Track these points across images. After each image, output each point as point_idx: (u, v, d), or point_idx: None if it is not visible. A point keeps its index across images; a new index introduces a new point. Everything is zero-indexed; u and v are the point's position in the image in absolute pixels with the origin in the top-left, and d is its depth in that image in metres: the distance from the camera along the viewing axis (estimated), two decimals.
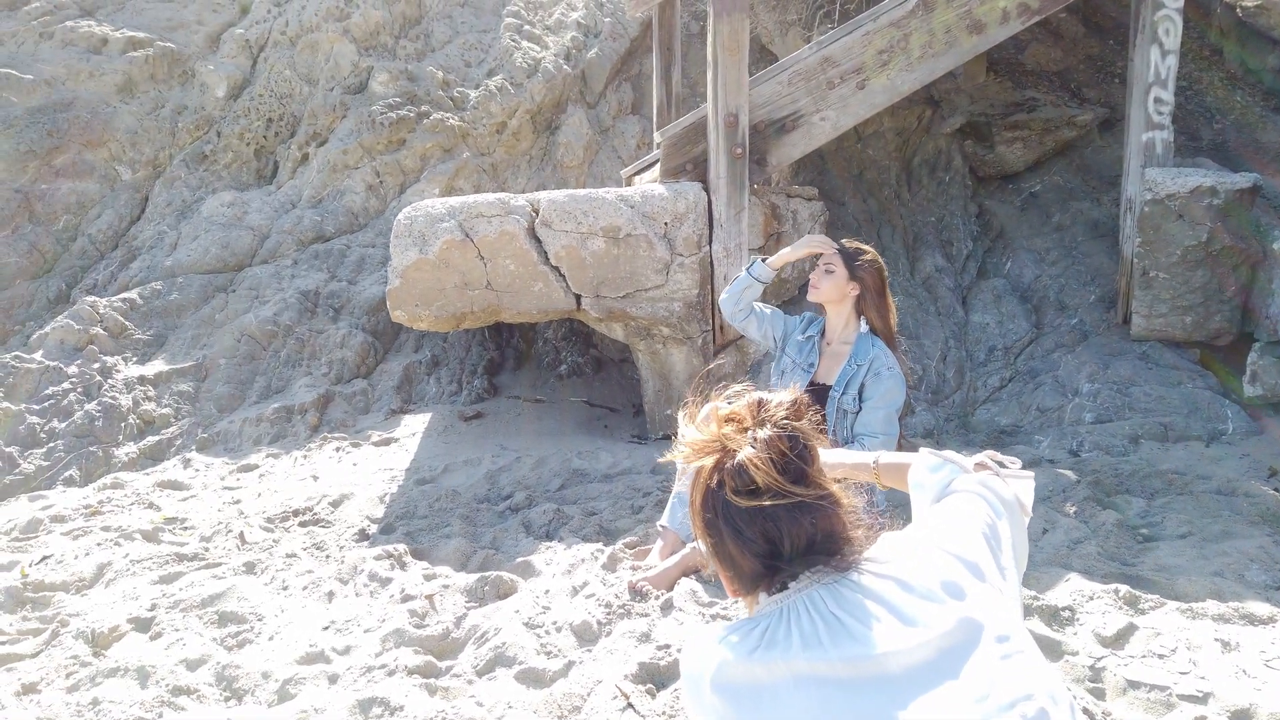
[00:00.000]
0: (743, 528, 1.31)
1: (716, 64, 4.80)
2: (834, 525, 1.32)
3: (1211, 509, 3.58)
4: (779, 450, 1.32)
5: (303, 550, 3.60)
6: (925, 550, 1.34)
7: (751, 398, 1.42)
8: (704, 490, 1.38)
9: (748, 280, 3.63)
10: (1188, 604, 2.79)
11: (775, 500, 1.29)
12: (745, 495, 1.30)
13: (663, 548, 3.33)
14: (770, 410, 1.38)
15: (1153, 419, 4.58)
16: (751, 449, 1.33)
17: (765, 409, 1.39)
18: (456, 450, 4.87)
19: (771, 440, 1.33)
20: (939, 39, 5.06)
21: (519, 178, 7.60)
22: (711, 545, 1.39)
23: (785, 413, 1.37)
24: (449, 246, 4.63)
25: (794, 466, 1.32)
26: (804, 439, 1.35)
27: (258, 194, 7.01)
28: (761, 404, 1.40)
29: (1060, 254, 6.19)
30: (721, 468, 1.35)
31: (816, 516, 1.31)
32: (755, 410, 1.39)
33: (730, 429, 1.38)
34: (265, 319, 5.91)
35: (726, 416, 1.41)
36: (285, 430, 5.27)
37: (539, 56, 7.96)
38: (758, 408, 1.39)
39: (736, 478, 1.32)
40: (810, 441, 1.36)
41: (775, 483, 1.29)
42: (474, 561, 3.44)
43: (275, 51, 7.64)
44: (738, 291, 3.65)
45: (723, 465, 1.35)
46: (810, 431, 1.37)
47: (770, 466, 1.30)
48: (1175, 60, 5.04)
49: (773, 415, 1.37)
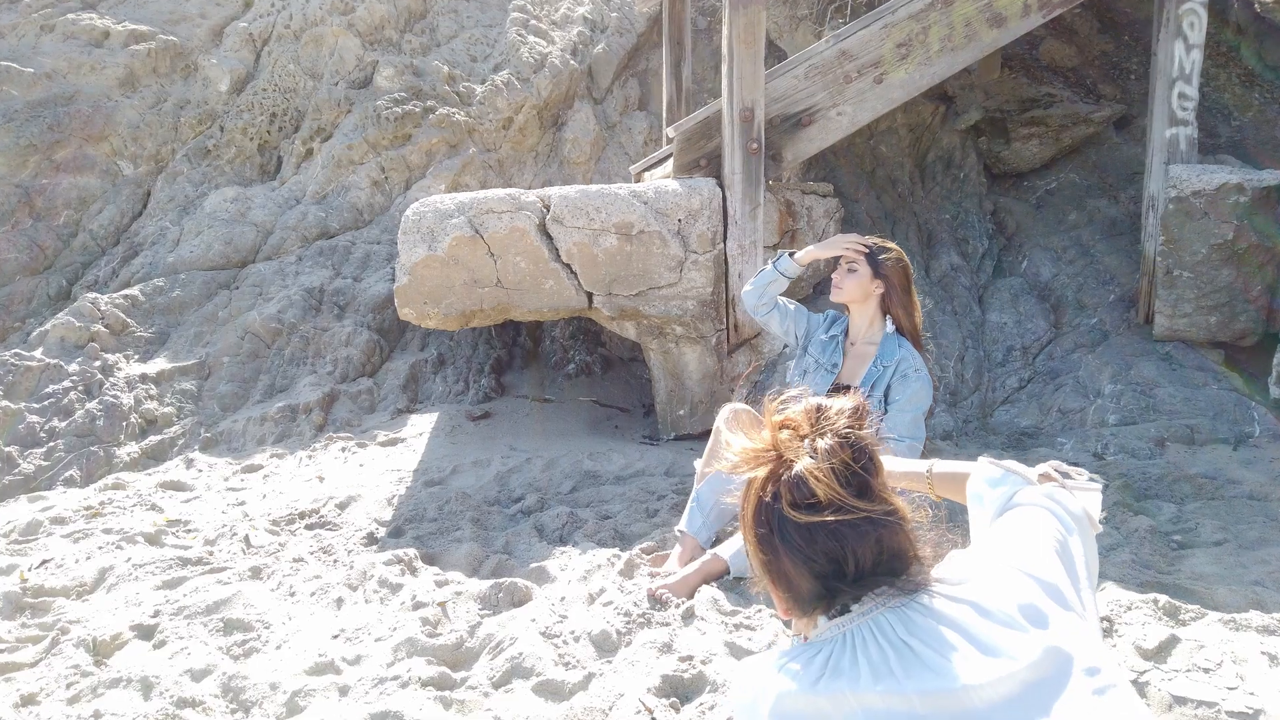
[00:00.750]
0: (802, 545, 1.21)
1: (732, 57, 4.69)
2: (900, 543, 1.22)
3: (1245, 515, 3.48)
4: (841, 461, 1.22)
5: (310, 554, 3.50)
6: (1000, 571, 1.24)
7: (809, 403, 1.32)
8: (757, 502, 1.28)
9: (773, 274, 3.53)
10: (1230, 615, 2.69)
11: (838, 515, 1.19)
12: (805, 510, 1.20)
13: (681, 554, 3.24)
14: (830, 417, 1.28)
15: (1178, 421, 4.48)
16: (811, 459, 1.23)
17: (824, 415, 1.28)
18: (465, 451, 4.77)
19: (833, 449, 1.23)
20: (959, 32, 4.95)
21: (525, 174, 7.50)
22: (764, 562, 1.29)
23: (847, 420, 1.27)
24: (458, 243, 4.53)
25: (858, 479, 1.22)
26: (868, 449, 1.25)
27: (261, 190, 6.90)
28: (820, 410, 1.29)
29: (1077, 253, 6.09)
30: (777, 479, 1.25)
31: (882, 533, 1.21)
32: (813, 417, 1.29)
33: (786, 437, 1.28)
34: (269, 316, 5.81)
35: (781, 423, 1.30)
36: (290, 430, 5.17)
37: (545, 51, 7.85)
38: (816, 414, 1.29)
39: (795, 490, 1.22)
40: (875, 452, 1.26)
41: (838, 496, 1.19)
42: (486, 567, 3.34)
43: (279, 45, 7.53)
44: (762, 285, 3.55)
45: (778, 476, 1.25)
46: (874, 441, 1.27)
47: (832, 478, 1.20)
48: (1200, 55, 4.94)
49: (833, 423, 1.27)
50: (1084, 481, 1.54)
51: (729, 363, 4.96)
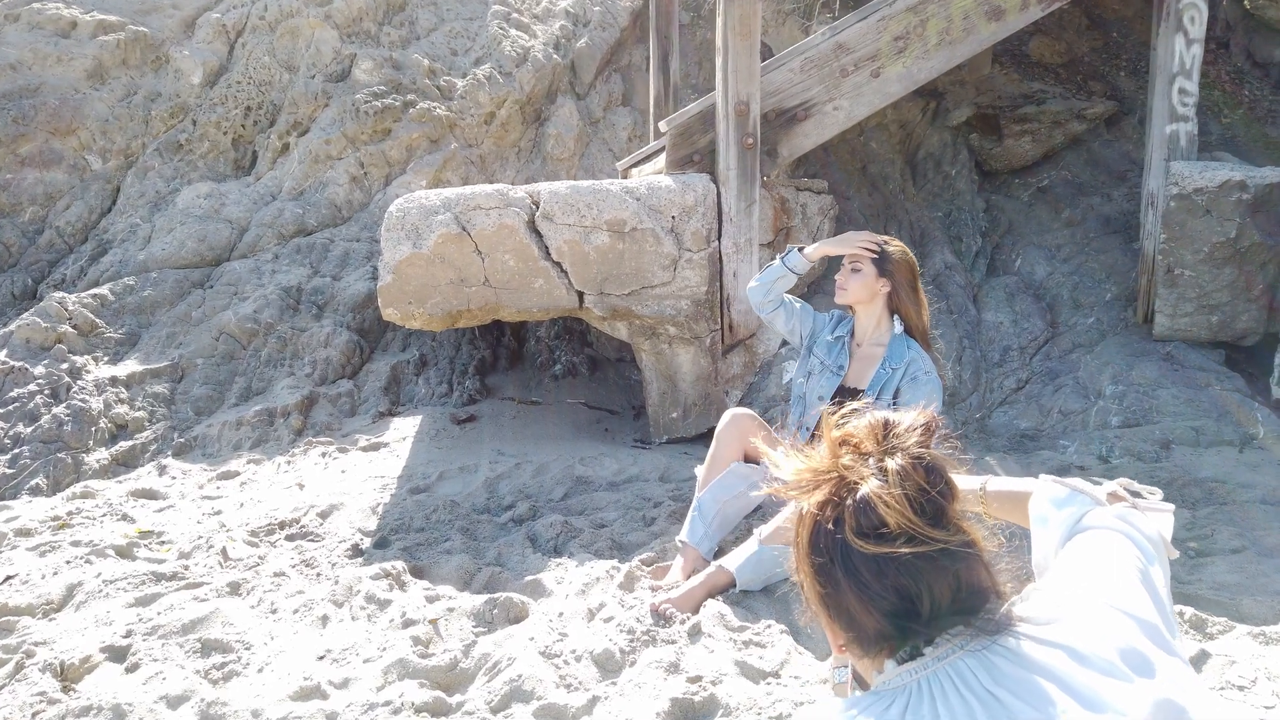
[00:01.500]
0: (869, 580, 1.07)
1: (726, 49, 4.56)
2: (979, 577, 1.09)
3: (1261, 521, 3.39)
4: (915, 484, 1.08)
5: (291, 568, 3.33)
6: (1091, 608, 1.10)
7: (875, 418, 1.18)
8: (814, 528, 1.14)
9: (781, 270, 3.40)
10: (1259, 628, 2.58)
11: (912, 547, 1.05)
12: (874, 539, 1.06)
13: (683, 565, 3.10)
14: (901, 434, 1.14)
15: (1183, 423, 4.39)
16: (879, 481, 1.09)
17: (893, 432, 1.14)
18: (451, 455, 4.61)
19: (905, 471, 1.09)
20: (957, 25, 4.84)
21: (508, 170, 7.33)
22: (821, 595, 1.14)
23: (918, 438, 1.13)
24: (444, 240, 4.36)
25: (933, 505, 1.08)
26: (944, 471, 1.12)
27: (236, 185, 6.69)
28: (889, 426, 1.15)
29: (1072, 250, 6.01)
30: (839, 503, 1.11)
31: (960, 567, 1.07)
32: (880, 433, 1.15)
33: (849, 456, 1.14)
34: (245, 316, 5.60)
35: (842, 439, 1.17)
36: (267, 434, 4.97)
37: (528, 45, 7.68)
38: (884, 430, 1.15)
39: (861, 516, 1.08)
40: (951, 475, 1.12)
41: (911, 524, 1.06)
42: (478, 581, 3.18)
43: (254, 37, 7.31)
44: (769, 281, 3.42)
45: (841, 500, 1.11)
46: (950, 462, 1.13)
47: (905, 504, 1.06)
48: (1200, 49, 4.86)
49: (903, 440, 1.13)
50: (1156, 502, 1.41)
51: (723, 364, 4.82)
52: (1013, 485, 1.51)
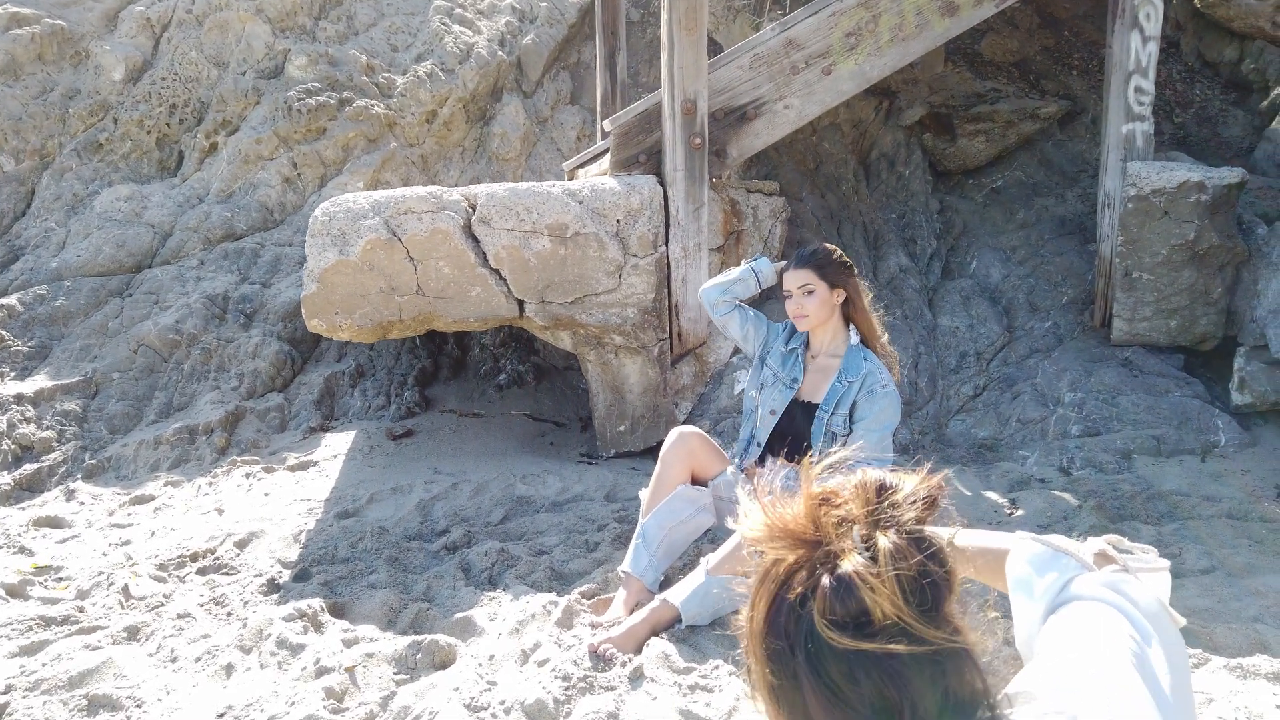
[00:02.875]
0: (838, 682, 0.85)
1: (672, 44, 4.34)
2: (972, 683, 0.88)
3: (1228, 538, 3.25)
4: (909, 569, 0.87)
5: (199, 608, 3.04)
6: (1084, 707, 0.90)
7: (869, 477, 0.96)
8: (775, 602, 0.92)
9: (746, 274, 3.21)
10: (1235, 660, 2.43)
11: (899, 646, 0.84)
12: (850, 631, 0.85)
13: (626, 598, 2.87)
14: (897, 503, 0.93)
15: (1144, 431, 4.27)
16: (865, 559, 0.88)
17: (889, 498, 0.93)
18: (384, 475, 4.33)
19: (899, 551, 0.88)
20: (910, 21, 4.68)
21: (451, 170, 7.05)
22: (773, 687, 0.92)
23: (918, 511, 0.92)
24: (373, 246, 4.09)
25: (929, 596, 0.88)
26: (946, 557, 0.91)
27: (159, 187, 6.33)
28: (884, 491, 0.94)
29: (1028, 253, 5.89)
30: (812, 575, 0.90)
31: (950, 670, 0.86)
32: (873, 498, 0.93)
33: (830, 518, 0.93)
34: (166, 327, 5.27)
35: (823, 496, 0.95)
36: (188, 454, 4.66)
37: (471, 41, 7.41)
38: (877, 495, 0.94)
39: (838, 600, 0.86)
40: (952, 561, 0.92)
41: (900, 617, 0.85)
42: (404, 619, 2.92)
43: (180, 31, 6.95)
44: (726, 283, 3.22)
45: (814, 573, 0.90)
46: (954, 546, 0.93)
47: (896, 593, 0.86)
48: (1156, 47, 4.75)
49: (900, 512, 0.92)
50: (1149, 560, 1.22)
51: (672, 374, 4.61)
52: (987, 540, 1.31)
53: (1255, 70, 6.51)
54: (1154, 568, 1.20)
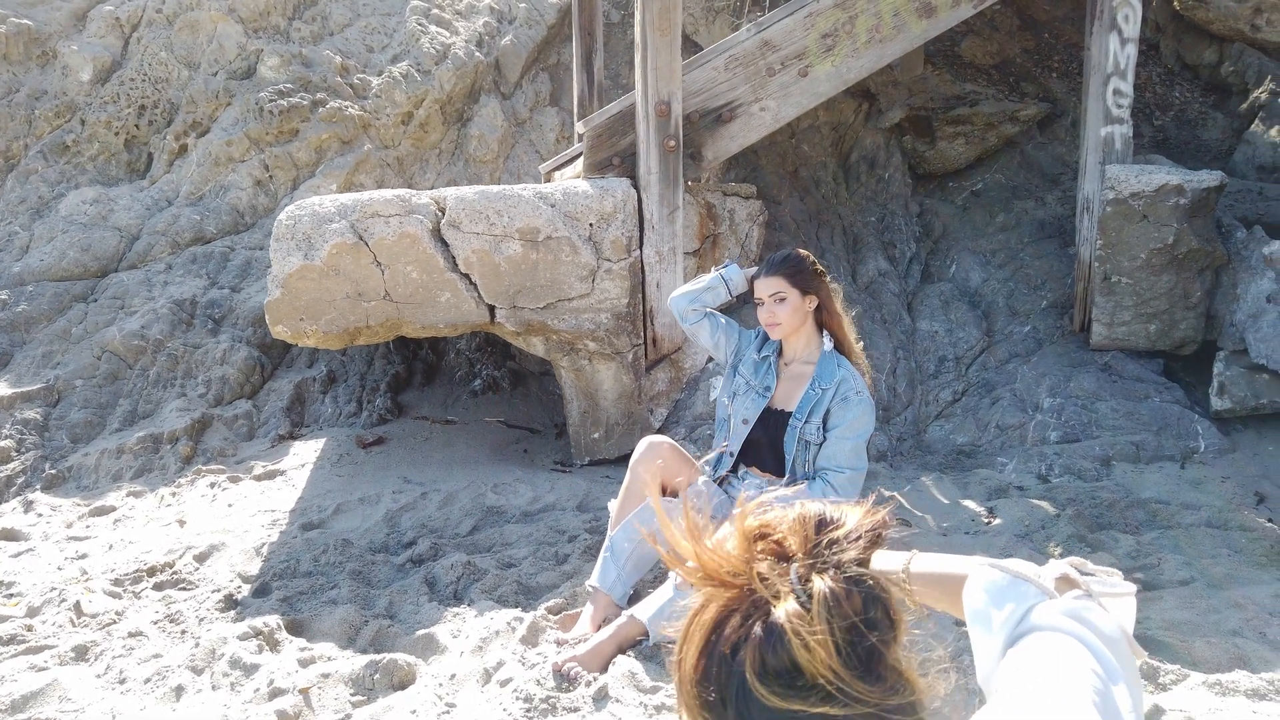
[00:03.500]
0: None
1: (645, 45, 4.27)
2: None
3: (1208, 548, 3.20)
4: (846, 618, 0.80)
5: (153, 625, 2.95)
6: None
7: (807, 510, 0.88)
8: (706, 649, 0.85)
9: (716, 282, 3.14)
10: (1214, 675, 2.37)
11: (829, 709, 0.77)
12: (780, 687, 0.78)
13: (593, 614, 2.80)
14: (837, 540, 0.85)
15: (1123, 438, 4.22)
16: (797, 605, 0.80)
17: (828, 537, 0.86)
18: (352, 485, 4.24)
19: (836, 597, 0.80)
20: (887, 23, 4.62)
21: (428, 172, 6.96)
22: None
23: (859, 550, 0.85)
24: (339, 251, 4.00)
25: (867, 649, 0.80)
26: (887, 601, 0.83)
27: (127, 190, 6.21)
28: (823, 526, 0.86)
29: (1007, 256, 5.85)
30: (744, 624, 0.82)
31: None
32: (809, 534, 0.86)
33: (764, 558, 0.85)
34: (131, 332, 5.15)
35: (759, 531, 0.87)
36: (152, 463, 4.55)
37: (449, 42, 7.32)
38: (815, 530, 0.86)
39: (768, 651, 0.79)
40: (896, 608, 0.84)
41: (832, 675, 0.77)
42: (364, 636, 2.84)
43: (150, 31, 6.83)
44: (697, 291, 3.15)
45: (745, 620, 0.83)
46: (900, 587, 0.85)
47: (829, 647, 0.78)
48: (1134, 49, 4.71)
49: (839, 550, 0.84)
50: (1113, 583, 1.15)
51: (647, 381, 4.54)
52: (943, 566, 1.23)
53: (1234, 73, 6.49)
54: (1119, 592, 1.13)
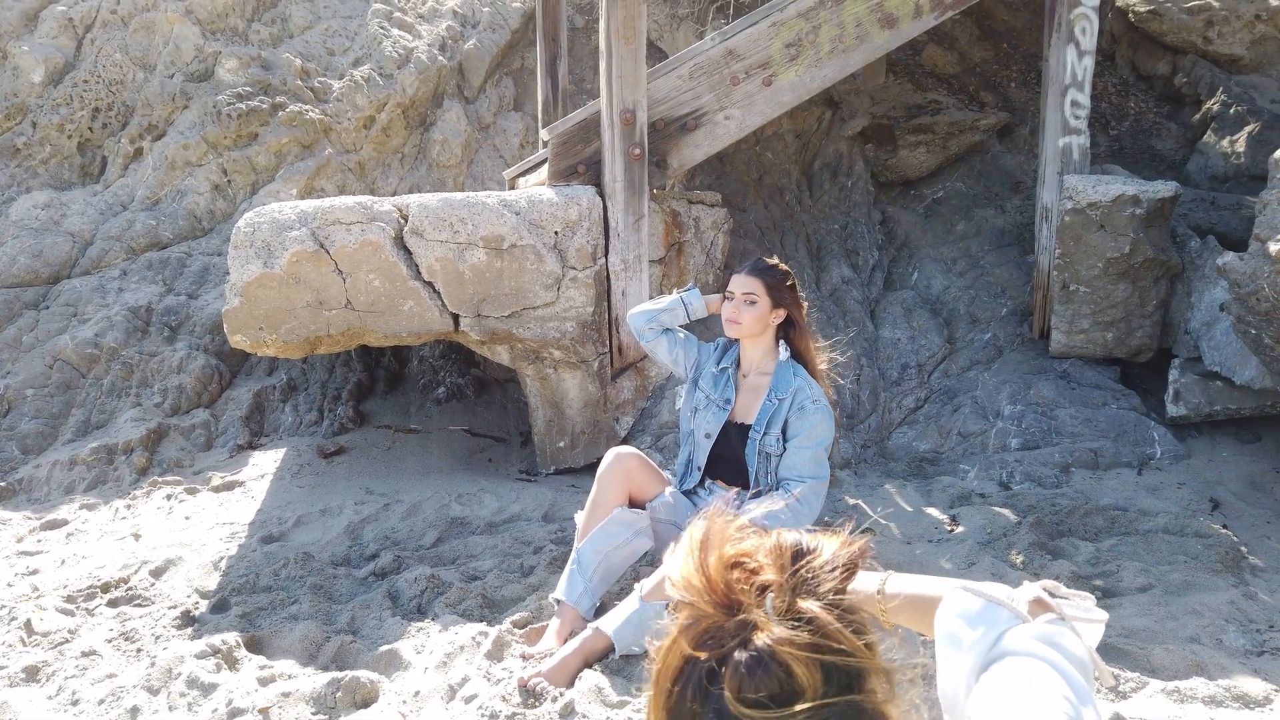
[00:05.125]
0: None
1: (610, 54, 4.26)
2: None
3: (1165, 554, 3.26)
4: (828, 642, 0.80)
5: (107, 643, 2.88)
6: None
7: (784, 541, 0.89)
8: (683, 674, 0.84)
9: (675, 304, 3.16)
10: (1172, 683, 2.40)
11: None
12: (761, 712, 0.78)
13: (559, 627, 2.78)
14: (815, 569, 0.85)
15: (1081, 444, 4.29)
16: (780, 630, 0.81)
17: (807, 564, 0.86)
18: (313, 496, 4.18)
19: (818, 623, 0.81)
20: (850, 33, 4.66)
21: (390, 177, 6.89)
22: None
23: (837, 580, 0.85)
24: (299, 259, 3.94)
25: (845, 672, 0.81)
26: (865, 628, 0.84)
27: (80, 194, 6.08)
28: (800, 555, 0.87)
29: (967, 264, 5.92)
30: (723, 648, 0.82)
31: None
32: (788, 563, 0.86)
33: (743, 584, 0.85)
34: (85, 340, 5.04)
35: (735, 559, 0.88)
36: (105, 474, 4.45)
37: (411, 46, 7.26)
38: (793, 559, 0.87)
39: (750, 677, 0.79)
40: (870, 632, 0.85)
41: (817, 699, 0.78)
42: (325, 653, 2.79)
43: (104, 32, 6.70)
44: (655, 311, 3.16)
45: (724, 644, 0.82)
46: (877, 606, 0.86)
47: (813, 668, 0.79)
48: (1091, 61, 4.79)
49: (818, 581, 0.85)
50: (1085, 607, 1.16)
51: (613, 389, 4.52)
52: (918, 587, 1.24)
53: (1188, 84, 6.63)
54: (1091, 618, 1.14)
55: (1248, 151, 5.75)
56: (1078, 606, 1.15)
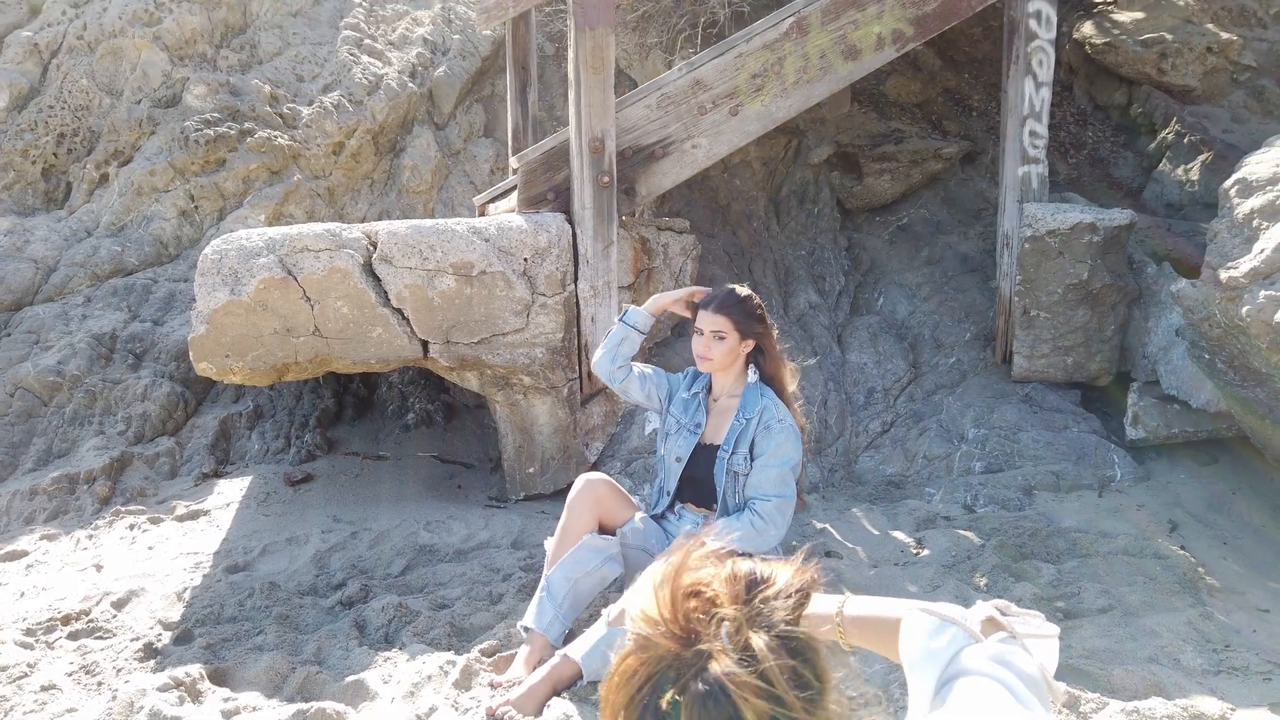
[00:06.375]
0: None
1: (579, 83, 4.31)
2: None
3: (1124, 575, 3.32)
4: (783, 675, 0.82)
5: (67, 677, 2.83)
6: None
7: (738, 570, 0.90)
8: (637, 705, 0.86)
9: (623, 331, 3.17)
10: (1132, 703, 2.45)
11: None
12: None
13: (529, 655, 2.78)
14: (768, 598, 0.87)
15: (1043, 467, 4.36)
16: (732, 662, 0.82)
17: (760, 595, 0.88)
18: (279, 525, 4.14)
19: (774, 652, 0.83)
20: (814, 64, 4.75)
21: (359, 203, 6.89)
22: None
23: (790, 609, 0.87)
24: (267, 286, 3.93)
25: (801, 702, 0.83)
26: (818, 659, 0.86)
27: (45, 220, 6.02)
28: (755, 586, 0.89)
29: (932, 289, 6.01)
30: (678, 679, 0.84)
31: None
32: (742, 592, 0.88)
33: (697, 614, 0.87)
34: (47, 369, 4.98)
35: (691, 589, 0.89)
36: (67, 504, 4.39)
37: (381, 73, 7.28)
38: (746, 590, 0.88)
39: (703, 709, 0.81)
40: (824, 661, 0.87)
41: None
42: (290, 684, 2.77)
43: (70, 58, 6.66)
44: (613, 347, 3.18)
45: (680, 674, 0.84)
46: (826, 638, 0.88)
47: (768, 699, 0.80)
48: (1049, 92, 4.92)
49: (771, 611, 0.87)
50: (1036, 624, 1.20)
51: (583, 415, 4.54)
52: (876, 609, 1.27)
53: (1143, 114, 6.81)
54: (1042, 634, 1.18)
55: (1201, 179, 5.91)
56: (1028, 624, 1.19)
